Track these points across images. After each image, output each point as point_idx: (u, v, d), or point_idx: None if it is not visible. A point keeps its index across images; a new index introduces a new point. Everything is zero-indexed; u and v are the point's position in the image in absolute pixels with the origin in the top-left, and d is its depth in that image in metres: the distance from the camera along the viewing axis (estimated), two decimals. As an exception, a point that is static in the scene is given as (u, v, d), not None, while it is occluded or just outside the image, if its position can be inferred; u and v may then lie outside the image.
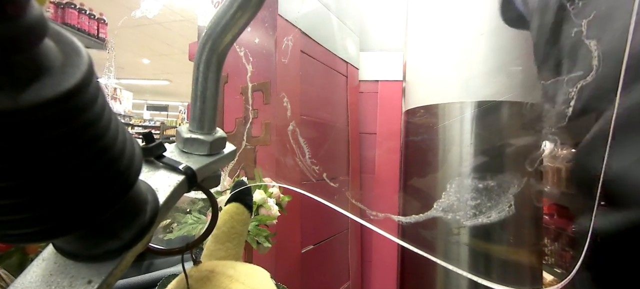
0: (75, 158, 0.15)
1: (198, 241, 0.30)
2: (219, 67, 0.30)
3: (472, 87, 0.82)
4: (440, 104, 0.88)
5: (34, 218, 0.15)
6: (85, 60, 0.15)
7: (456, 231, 0.83)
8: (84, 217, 0.17)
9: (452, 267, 0.37)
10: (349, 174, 1.38)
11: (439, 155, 0.88)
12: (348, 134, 1.39)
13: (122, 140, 0.18)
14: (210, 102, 0.30)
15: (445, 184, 0.82)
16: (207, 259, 0.37)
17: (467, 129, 0.83)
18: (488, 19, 0.81)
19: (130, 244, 0.21)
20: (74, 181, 0.15)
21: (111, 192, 0.17)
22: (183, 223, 0.67)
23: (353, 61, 1.43)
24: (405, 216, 0.84)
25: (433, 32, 0.90)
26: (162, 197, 0.24)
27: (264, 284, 0.32)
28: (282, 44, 1.01)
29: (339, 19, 1.31)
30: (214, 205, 0.31)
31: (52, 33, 0.14)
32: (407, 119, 1.01)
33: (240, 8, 0.28)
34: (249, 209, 0.40)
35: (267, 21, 1.00)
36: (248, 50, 1.01)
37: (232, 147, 0.33)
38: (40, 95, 0.13)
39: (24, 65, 0.13)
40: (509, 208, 0.72)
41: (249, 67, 1.01)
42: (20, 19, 0.12)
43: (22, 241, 0.16)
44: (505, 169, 0.77)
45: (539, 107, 0.76)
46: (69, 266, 0.20)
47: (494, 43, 0.80)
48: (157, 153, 0.26)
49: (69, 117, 0.14)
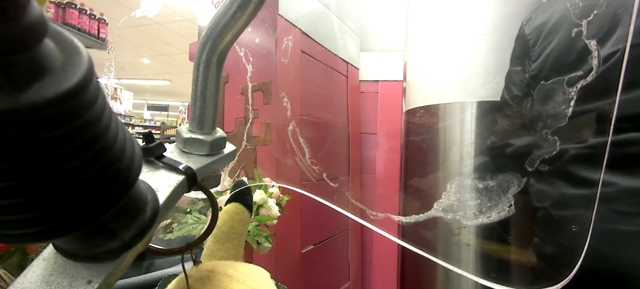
0: (76, 158, 0.15)
1: (198, 241, 0.30)
2: (219, 67, 0.30)
3: (472, 87, 0.82)
4: (440, 104, 0.88)
5: (34, 218, 0.15)
6: (85, 60, 0.15)
7: (456, 231, 0.83)
8: (84, 217, 0.17)
9: (452, 267, 0.37)
10: (349, 174, 1.38)
11: (439, 155, 0.88)
12: (348, 134, 1.39)
13: (122, 140, 0.18)
14: (210, 102, 0.30)
15: (446, 184, 0.82)
16: (207, 259, 0.37)
17: (467, 129, 0.83)
18: (488, 19, 0.81)
19: (130, 244, 0.21)
20: (74, 181, 0.15)
21: (111, 192, 0.17)
22: (183, 222, 0.67)
23: (353, 61, 1.43)
24: (405, 216, 0.84)
25: (433, 32, 0.90)
26: (162, 197, 0.24)
27: (264, 284, 0.32)
28: (282, 44, 1.01)
29: (340, 19, 1.31)
30: (214, 205, 0.31)
31: (53, 33, 0.14)
32: (408, 119, 1.01)
33: (240, 8, 0.28)
34: (249, 209, 0.40)
35: (267, 21, 1.00)
36: (248, 50, 1.01)
37: (232, 147, 0.33)
38: (41, 95, 0.13)
39: (25, 65, 0.13)
40: (509, 208, 0.72)
41: (249, 67, 1.01)
42: (20, 19, 0.12)
43: (22, 241, 0.16)
44: (506, 169, 0.77)
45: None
46: (69, 266, 0.20)
47: (493, 43, 0.80)
48: (157, 153, 0.26)
49: (70, 117, 0.14)
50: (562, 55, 0.60)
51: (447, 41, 0.86)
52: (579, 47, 0.58)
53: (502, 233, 0.78)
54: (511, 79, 0.73)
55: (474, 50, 0.82)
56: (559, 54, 0.61)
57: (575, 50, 0.58)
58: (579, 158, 0.58)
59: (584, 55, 0.57)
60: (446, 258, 0.86)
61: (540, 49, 0.65)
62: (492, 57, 0.80)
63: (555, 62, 0.62)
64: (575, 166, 0.58)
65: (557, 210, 0.62)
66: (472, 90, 0.82)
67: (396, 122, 1.40)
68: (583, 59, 0.57)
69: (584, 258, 0.33)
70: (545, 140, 0.63)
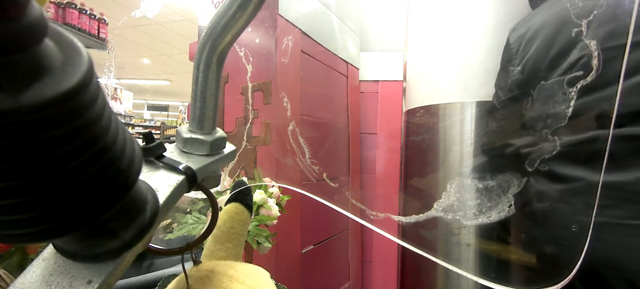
0: (76, 158, 0.15)
1: (198, 241, 0.30)
2: (219, 67, 0.30)
3: (472, 87, 0.82)
4: (440, 104, 0.88)
5: (34, 218, 0.15)
6: (85, 60, 0.15)
7: (456, 231, 0.83)
8: (84, 217, 0.17)
9: (452, 267, 0.37)
10: (349, 174, 1.38)
11: (439, 155, 0.88)
12: (348, 134, 1.39)
13: (122, 140, 0.18)
14: (210, 102, 0.30)
15: (446, 184, 0.82)
16: (207, 259, 0.37)
17: (467, 129, 0.83)
18: (488, 19, 0.81)
19: (130, 244, 0.21)
20: (74, 181, 0.15)
21: (111, 192, 0.17)
22: (183, 223, 0.67)
23: (353, 61, 1.43)
24: (405, 216, 0.84)
25: (433, 32, 0.90)
26: (162, 197, 0.24)
27: (264, 284, 0.32)
28: (282, 44, 1.01)
29: (340, 19, 1.31)
30: (214, 205, 0.31)
31: (53, 33, 0.14)
32: (408, 119, 1.01)
33: (240, 8, 0.28)
34: (249, 209, 0.40)
35: (267, 21, 1.00)
36: (248, 50, 1.01)
37: (232, 147, 0.33)
38: (41, 95, 0.13)
39: (25, 65, 0.13)
40: (509, 208, 0.72)
41: (249, 67, 1.01)
42: (20, 19, 0.12)
43: (22, 241, 0.16)
44: (506, 169, 0.77)
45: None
46: (69, 266, 0.20)
47: (493, 43, 0.80)
48: (157, 153, 0.26)
49: (69, 117, 0.14)
50: (541, 60, 0.67)
51: (447, 41, 0.86)
52: (558, 50, 0.64)
53: (501, 232, 0.78)
54: (498, 84, 0.78)
55: (474, 50, 0.82)
56: (537, 59, 0.67)
57: (553, 54, 0.64)
58: (560, 156, 0.63)
59: (563, 57, 0.63)
60: (446, 258, 0.86)
61: (521, 56, 0.71)
62: (492, 57, 0.80)
63: (534, 67, 0.68)
64: (556, 164, 0.64)
65: (543, 207, 0.66)
66: (472, 90, 0.82)
67: (396, 122, 1.40)
68: (561, 62, 0.63)
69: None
70: (535, 138, 0.68)
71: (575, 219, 0.58)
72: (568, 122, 0.61)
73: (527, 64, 0.69)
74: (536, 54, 0.67)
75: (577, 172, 0.59)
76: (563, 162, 0.62)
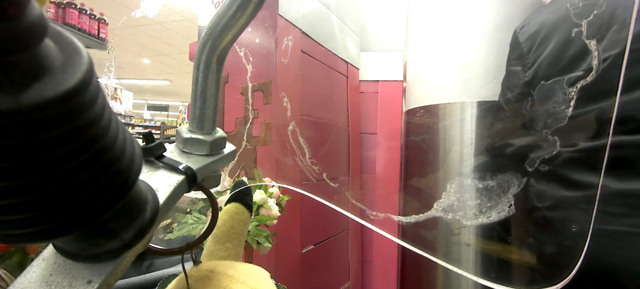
0: (76, 158, 0.15)
1: (198, 241, 0.30)
2: (219, 67, 0.30)
3: (472, 87, 0.82)
4: (440, 104, 0.88)
5: (34, 218, 0.15)
6: (85, 60, 0.15)
7: (456, 231, 0.83)
8: (84, 217, 0.17)
9: (452, 267, 0.37)
10: (349, 174, 1.38)
11: (439, 155, 0.88)
12: (348, 134, 1.39)
13: (122, 140, 0.18)
14: (210, 102, 0.30)
15: (446, 184, 0.82)
16: (207, 259, 0.37)
17: (467, 129, 0.83)
18: (488, 19, 0.81)
19: (130, 244, 0.21)
20: (74, 181, 0.15)
21: (111, 192, 0.17)
22: (183, 223, 0.67)
23: (353, 61, 1.43)
24: (405, 216, 0.84)
25: (433, 32, 0.90)
26: (162, 197, 0.24)
27: (264, 284, 0.32)
28: (282, 44, 1.01)
29: (340, 19, 1.31)
30: (214, 205, 0.31)
31: (52, 33, 0.14)
32: (408, 119, 1.01)
33: (240, 8, 0.28)
34: (249, 209, 0.40)
35: (267, 21, 1.00)
36: (248, 50, 1.01)
37: (232, 147, 0.33)
38: (41, 95, 0.13)
39: (24, 65, 0.13)
40: (509, 208, 0.72)
41: (249, 67, 1.01)
42: (20, 19, 0.12)
43: (22, 241, 0.16)
44: (506, 169, 0.77)
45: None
46: (69, 266, 0.20)
47: (493, 43, 0.80)
48: (157, 153, 0.26)
49: (69, 117, 0.14)
50: (556, 61, 0.64)
51: (447, 41, 0.86)
52: (574, 52, 0.61)
53: (502, 232, 0.78)
54: (507, 84, 0.76)
55: (474, 50, 0.82)
56: (553, 60, 0.64)
57: (570, 56, 0.61)
58: (573, 161, 0.61)
59: (579, 59, 0.60)
60: (446, 258, 0.86)
61: (534, 57, 0.68)
62: (492, 57, 0.80)
63: (549, 68, 0.65)
64: (569, 169, 0.61)
65: (553, 211, 0.64)
66: (472, 90, 0.82)
67: (396, 122, 1.40)
68: (578, 64, 0.60)
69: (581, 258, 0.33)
70: (545, 141, 0.65)
71: (582, 225, 0.57)
72: (583, 126, 0.59)
73: (542, 64, 0.66)
74: (552, 55, 0.64)
75: (593, 178, 0.57)
76: (577, 168, 0.60)
